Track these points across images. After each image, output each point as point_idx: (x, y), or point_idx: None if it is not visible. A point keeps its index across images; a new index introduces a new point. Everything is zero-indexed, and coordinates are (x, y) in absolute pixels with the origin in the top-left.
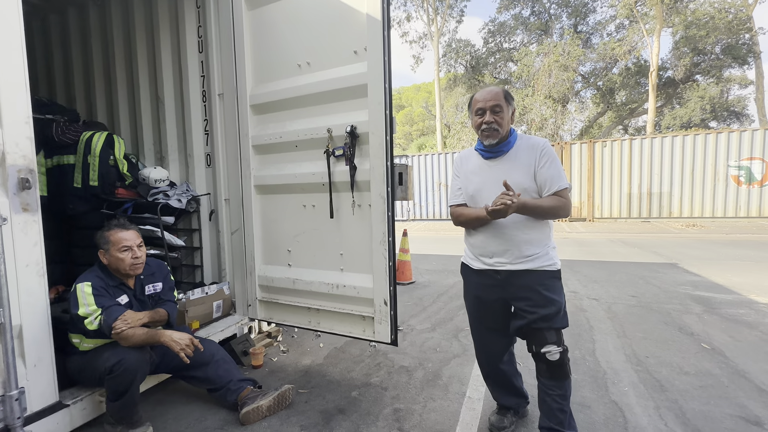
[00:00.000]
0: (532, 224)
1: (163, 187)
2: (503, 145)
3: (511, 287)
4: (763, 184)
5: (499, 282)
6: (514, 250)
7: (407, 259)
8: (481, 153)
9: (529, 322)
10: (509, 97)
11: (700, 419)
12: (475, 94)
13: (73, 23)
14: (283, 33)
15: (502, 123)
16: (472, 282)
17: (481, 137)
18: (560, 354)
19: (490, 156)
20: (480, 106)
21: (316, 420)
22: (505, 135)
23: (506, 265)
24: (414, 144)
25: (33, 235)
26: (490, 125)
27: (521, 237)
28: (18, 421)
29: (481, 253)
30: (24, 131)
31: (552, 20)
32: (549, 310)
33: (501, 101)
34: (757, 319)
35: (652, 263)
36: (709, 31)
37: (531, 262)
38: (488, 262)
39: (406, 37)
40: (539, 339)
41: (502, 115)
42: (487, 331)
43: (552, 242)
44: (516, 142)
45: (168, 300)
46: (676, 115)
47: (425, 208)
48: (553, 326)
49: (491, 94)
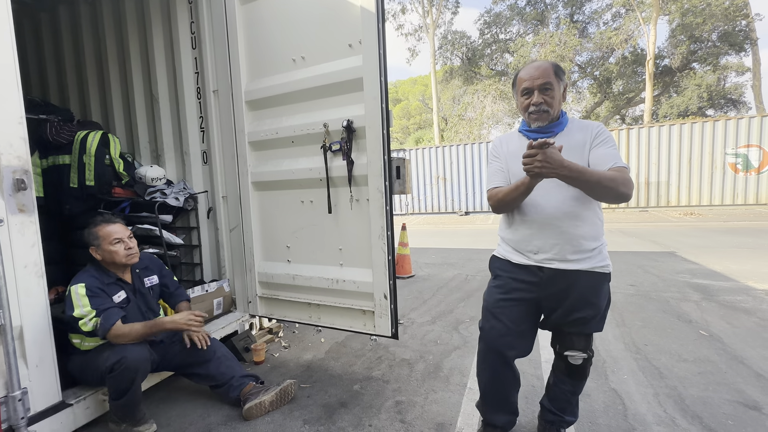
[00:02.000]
0: (586, 216)
1: (160, 185)
2: (554, 125)
3: (553, 287)
4: (760, 171)
5: (540, 280)
6: (565, 245)
7: (406, 252)
8: (526, 134)
9: (560, 324)
10: (560, 72)
11: (699, 405)
12: (519, 71)
13: (64, 22)
14: (277, 27)
15: (553, 103)
16: (506, 277)
17: (529, 120)
18: (583, 360)
19: (539, 137)
20: (526, 86)
21: (319, 414)
22: (555, 116)
23: (553, 262)
24: (411, 137)
25: (30, 236)
26: (539, 107)
27: (573, 231)
28: (22, 421)
29: (524, 248)
30: (17, 132)
31: (548, 10)
32: (586, 314)
33: (551, 77)
34: (755, 305)
35: (651, 252)
36: (705, 18)
37: (583, 262)
38: (533, 258)
39: (402, 29)
40: (566, 342)
41: (553, 93)
42: (507, 333)
43: (605, 238)
44: (568, 124)
45: (177, 290)
46: (673, 103)
47: (423, 202)
48: (584, 332)
49: (539, 70)
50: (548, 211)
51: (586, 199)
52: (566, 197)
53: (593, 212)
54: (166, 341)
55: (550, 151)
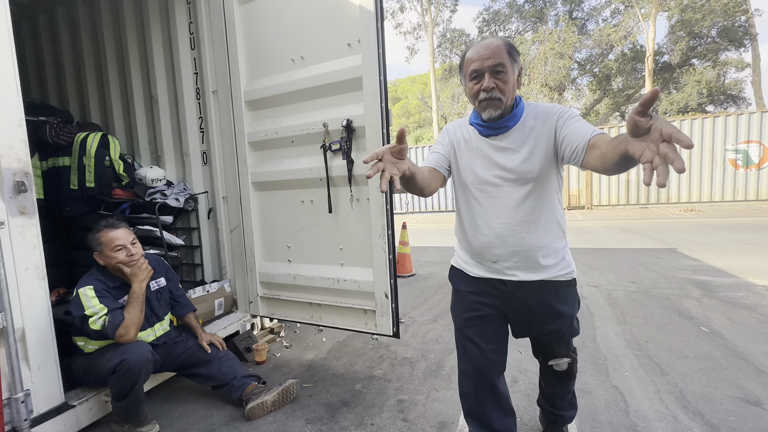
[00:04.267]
0: (545, 221)
1: (160, 186)
2: (507, 119)
3: (517, 301)
4: (760, 167)
5: (503, 294)
6: (526, 254)
7: (407, 251)
8: (477, 128)
9: (535, 336)
10: (514, 52)
11: (701, 401)
12: (466, 51)
13: (63, 23)
14: (276, 27)
15: (506, 89)
16: (465, 292)
17: (479, 109)
18: (568, 364)
19: (490, 133)
20: (476, 68)
21: (321, 413)
22: (509, 105)
23: (516, 273)
24: (411, 136)
25: (31, 239)
26: (489, 92)
27: (532, 238)
28: (25, 423)
29: (482, 257)
30: (17, 134)
31: (547, 7)
32: (559, 325)
33: (503, 58)
34: (755, 301)
35: (651, 249)
36: (704, 14)
37: (547, 271)
38: (493, 268)
39: (400, 28)
40: (547, 352)
41: (506, 77)
42: (483, 352)
43: (567, 241)
44: (523, 114)
45: (182, 299)
46: (673, 100)
47: (424, 201)
48: (562, 340)
49: (489, 49)
50: (505, 217)
51: (545, 198)
52: (523, 199)
53: (553, 213)
54: (168, 342)
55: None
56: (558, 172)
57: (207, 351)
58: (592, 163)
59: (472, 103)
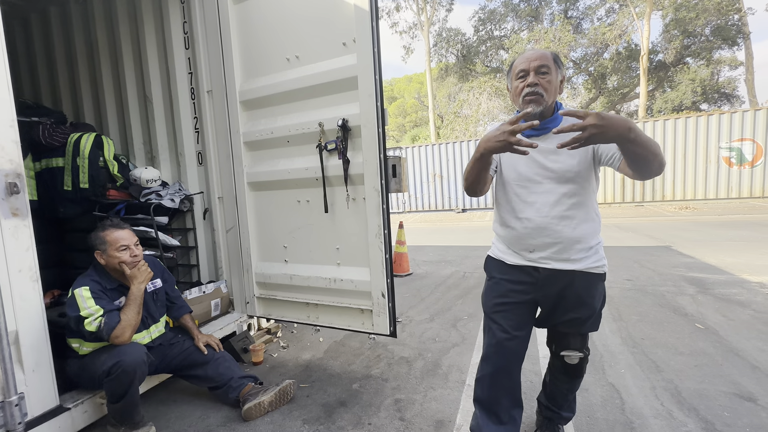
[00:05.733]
0: (582, 215)
1: (155, 187)
2: (549, 121)
3: (548, 288)
4: (754, 165)
5: (536, 280)
6: (561, 245)
7: (404, 251)
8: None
9: (555, 324)
10: (559, 62)
11: (696, 398)
12: (515, 60)
13: (55, 22)
14: (271, 26)
15: (549, 88)
16: (499, 279)
17: (522, 105)
18: (580, 359)
19: (532, 134)
20: (523, 67)
21: (318, 413)
22: (550, 107)
23: (549, 262)
24: (407, 135)
25: (24, 240)
26: (533, 88)
27: (569, 231)
28: (19, 426)
29: (519, 247)
30: (9, 135)
31: (542, 6)
32: (581, 314)
33: (549, 62)
34: (749, 297)
35: (647, 246)
36: (698, 12)
37: (579, 262)
38: (529, 257)
39: (396, 27)
40: (562, 341)
41: (549, 78)
42: (509, 336)
43: (601, 238)
44: (564, 118)
45: (177, 300)
46: (667, 98)
47: (420, 200)
48: (580, 332)
49: (536, 54)
50: (544, 211)
51: (582, 196)
52: (562, 196)
53: (589, 210)
54: (164, 344)
55: (594, 118)
56: (596, 173)
57: (203, 352)
58: (624, 169)
59: (515, 102)
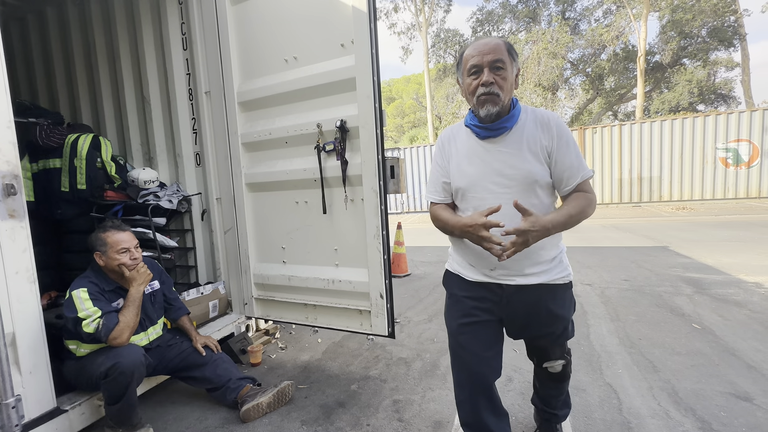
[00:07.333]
0: None
1: (153, 188)
2: (505, 120)
3: (515, 305)
4: (750, 165)
5: (501, 299)
6: (522, 259)
7: (402, 251)
8: (474, 130)
9: (530, 339)
10: (513, 53)
11: (692, 398)
12: (464, 49)
13: (53, 23)
14: (269, 27)
15: (505, 86)
16: (461, 297)
17: (477, 106)
18: (562, 366)
19: (488, 135)
20: (475, 62)
21: (317, 414)
22: (507, 105)
23: (512, 278)
24: (406, 136)
25: (21, 242)
26: (488, 88)
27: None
28: (16, 428)
29: (479, 263)
30: (6, 136)
31: (540, 7)
32: (554, 328)
33: (503, 55)
34: (746, 297)
35: (644, 247)
36: (695, 14)
37: (543, 275)
38: (490, 275)
39: (394, 28)
40: (542, 355)
41: (505, 74)
42: (479, 359)
43: (563, 245)
44: (520, 116)
45: (175, 302)
46: (664, 99)
47: (419, 201)
48: (557, 343)
49: (489, 45)
50: (502, 222)
51: (541, 208)
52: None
53: None
54: (162, 345)
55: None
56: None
57: (201, 354)
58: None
59: (469, 101)
